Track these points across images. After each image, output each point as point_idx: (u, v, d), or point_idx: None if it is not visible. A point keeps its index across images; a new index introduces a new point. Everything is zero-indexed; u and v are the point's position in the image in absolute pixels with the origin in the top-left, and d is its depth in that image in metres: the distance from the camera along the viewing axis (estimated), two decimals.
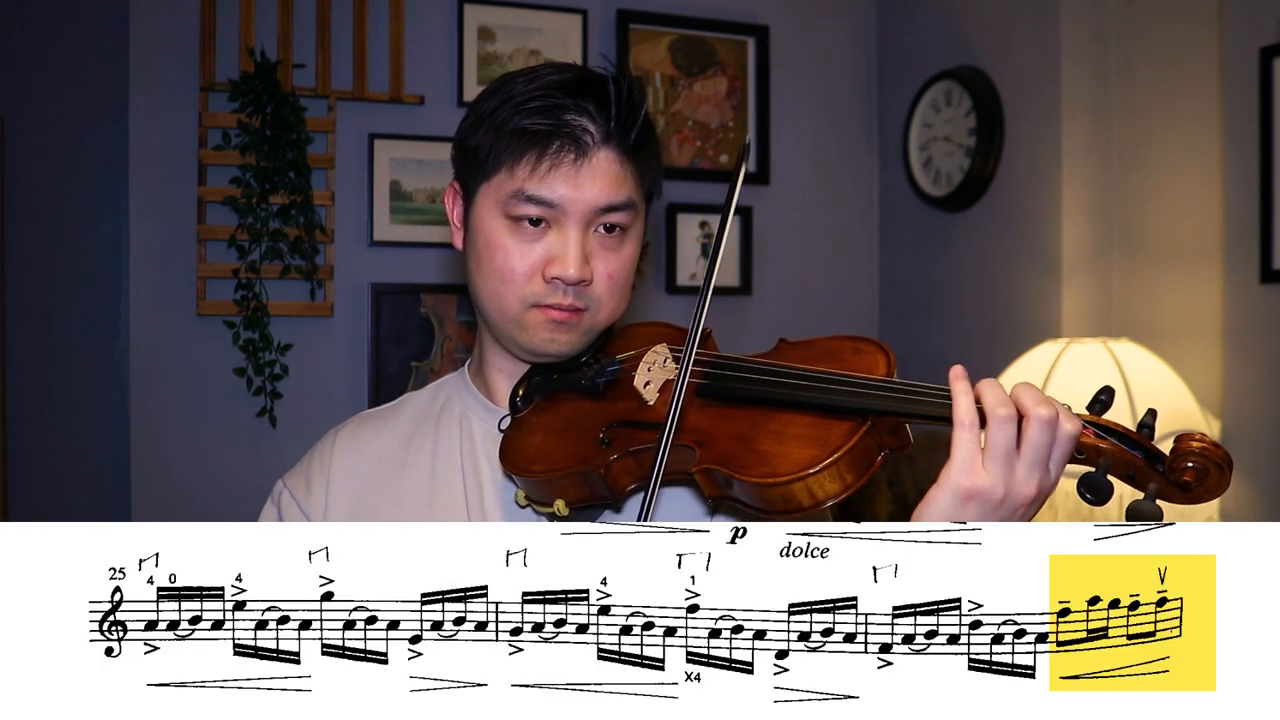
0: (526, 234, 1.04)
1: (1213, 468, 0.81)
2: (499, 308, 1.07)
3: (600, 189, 1.03)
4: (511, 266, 1.04)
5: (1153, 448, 0.85)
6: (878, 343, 0.96)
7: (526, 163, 1.02)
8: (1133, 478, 0.85)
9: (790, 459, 0.87)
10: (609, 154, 1.04)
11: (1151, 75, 2.46)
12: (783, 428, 0.91)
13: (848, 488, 0.87)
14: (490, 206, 1.06)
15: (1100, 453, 0.85)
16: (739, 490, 0.90)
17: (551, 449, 1.02)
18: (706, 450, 0.92)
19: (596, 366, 1.08)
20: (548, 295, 1.04)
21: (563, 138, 1.02)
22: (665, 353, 1.06)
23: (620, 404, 1.04)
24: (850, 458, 0.86)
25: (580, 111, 1.03)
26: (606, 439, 1.00)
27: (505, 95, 1.05)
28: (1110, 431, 0.85)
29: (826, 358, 0.97)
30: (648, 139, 1.08)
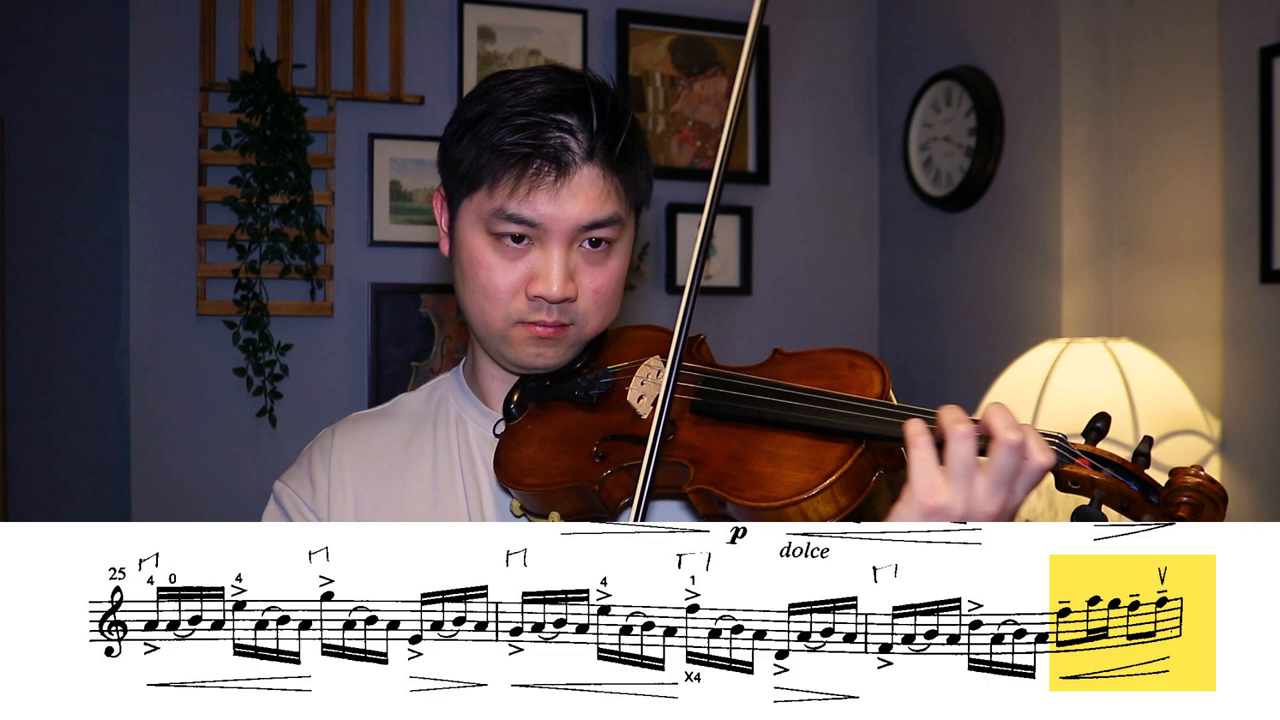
0: (509, 251, 1.02)
1: (1208, 503, 0.81)
2: (484, 323, 1.06)
3: (583, 207, 1.01)
4: (495, 284, 1.03)
5: (1148, 479, 0.84)
6: (873, 358, 0.96)
7: (507, 182, 1.00)
8: (1127, 509, 0.85)
9: (785, 482, 0.87)
10: (592, 170, 1.01)
11: (1151, 75, 2.46)
12: (776, 448, 0.91)
13: (842, 510, 0.87)
14: (472, 221, 1.04)
15: (1095, 484, 0.84)
16: (733, 511, 0.89)
17: (545, 462, 1.02)
18: (700, 469, 0.92)
19: (590, 377, 1.07)
20: (531, 312, 1.03)
21: (543, 158, 1.00)
22: (659, 365, 1.05)
23: (614, 416, 1.03)
24: (845, 481, 0.86)
25: (562, 128, 1.00)
26: (600, 453, 0.99)
27: (490, 104, 1.02)
28: (1105, 462, 0.85)
29: (821, 372, 0.96)
30: (633, 151, 1.05)
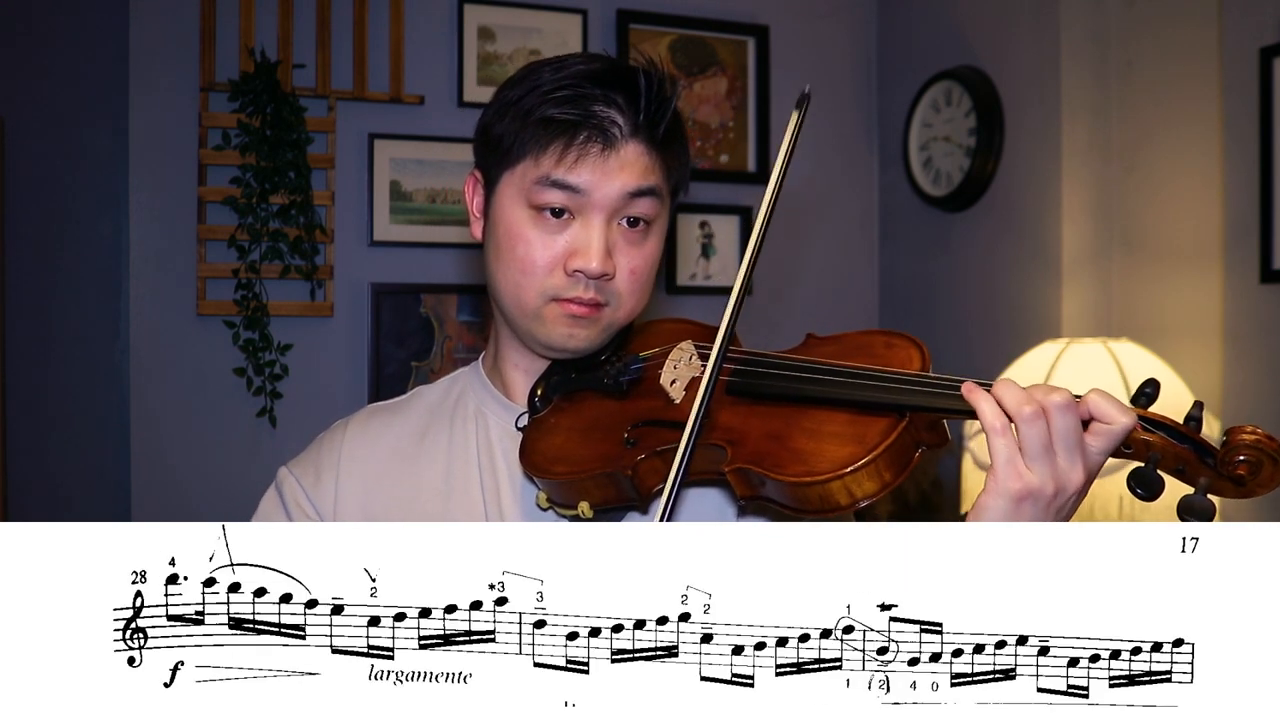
0: (549, 225, 1.01)
1: (1267, 460, 0.78)
2: (517, 300, 1.04)
3: (629, 177, 1.00)
4: (533, 258, 1.01)
5: (1202, 440, 0.82)
6: (910, 337, 0.94)
7: (553, 152, 0.99)
8: (1183, 472, 0.82)
9: (828, 457, 0.85)
10: (637, 146, 1.01)
11: (1151, 75, 2.45)
12: (817, 425, 0.88)
13: (886, 486, 0.84)
14: (513, 195, 1.03)
15: (1149, 446, 0.81)
16: (773, 490, 0.87)
17: (575, 450, 1.00)
18: (738, 449, 0.90)
19: (619, 365, 1.05)
20: (568, 289, 1.01)
21: (590, 129, 0.99)
22: (691, 349, 1.03)
23: (645, 402, 1.01)
24: (889, 455, 0.84)
25: (609, 103, 1.00)
26: (632, 439, 0.97)
27: (532, 84, 1.02)
28: (1157, 424, 0.82)
29: (858, 353, 0.94)
30: (676, 134, 1.05)
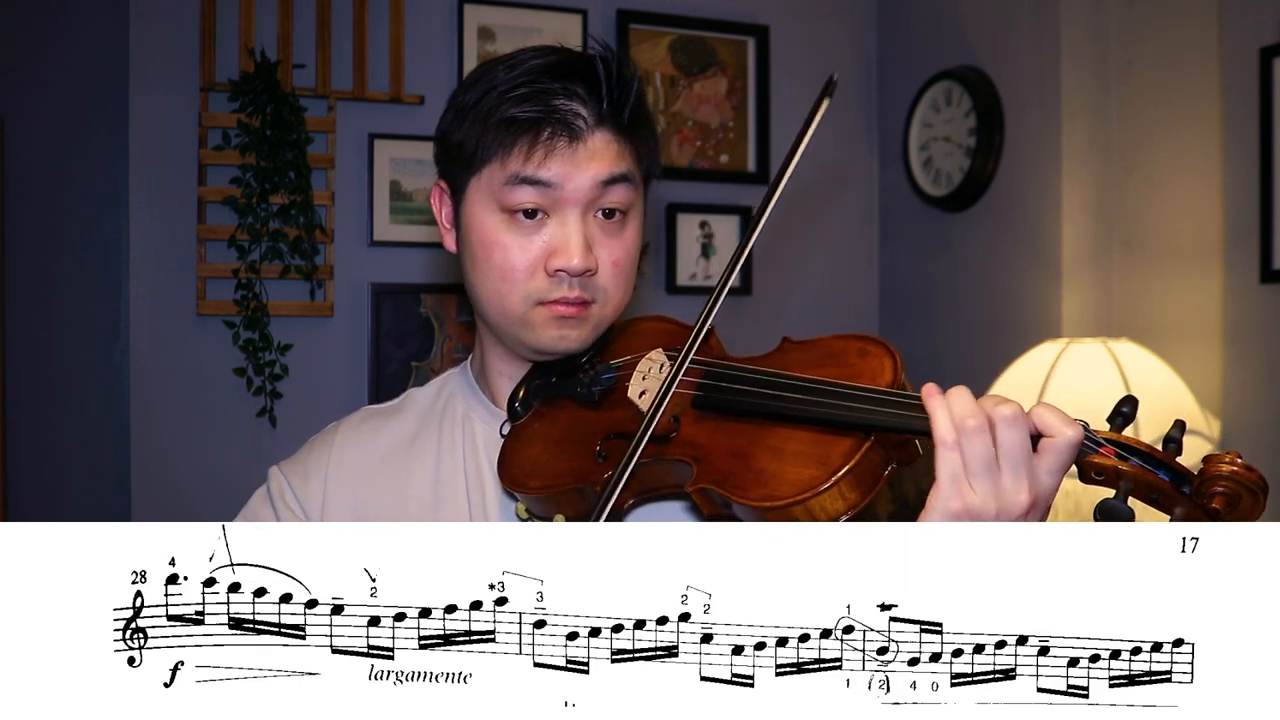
0: (524, 227, 0.99)
1: (1245, 493, 0.74)
2: (501, 308, 1.02)
3: (599, 166, 0.98)
4: (511, 264, 0.99)
5: (1179, 467, 0.77)
6: (884, 344, 0.91)
7: (519, 151, 0.97)
8: (1156, 501, 0.78)
9: (789, 480, 0.82)
10: (604, 135, 0.99)
11: (1151, 75, 2.45)
12: (781, 443, 0.85)
13: (853, 506, 0.81)
14: (482, 201, 1.01)
15: (1120, 474, 0.77)
16: (738, 511, 0.85)
17: (548, 463, 0.98)
18: (703, 467, 0.87)
19: (592, 373, 1.02)
20: (552, 290, 0.99)
21: (554, 124, 0.97)
22: (660, 359, 1.00)
23: (616, 414, 0.99)
24: (853, 476, 0.81)
25: (570, 95, 0.97)
26: (603, 452, 0.95)
27: (488, 85, 0.99)
28: (1132, 450, 0.77)
29: (830, 361, 0.91)
30: (642, 117, 1.03)
